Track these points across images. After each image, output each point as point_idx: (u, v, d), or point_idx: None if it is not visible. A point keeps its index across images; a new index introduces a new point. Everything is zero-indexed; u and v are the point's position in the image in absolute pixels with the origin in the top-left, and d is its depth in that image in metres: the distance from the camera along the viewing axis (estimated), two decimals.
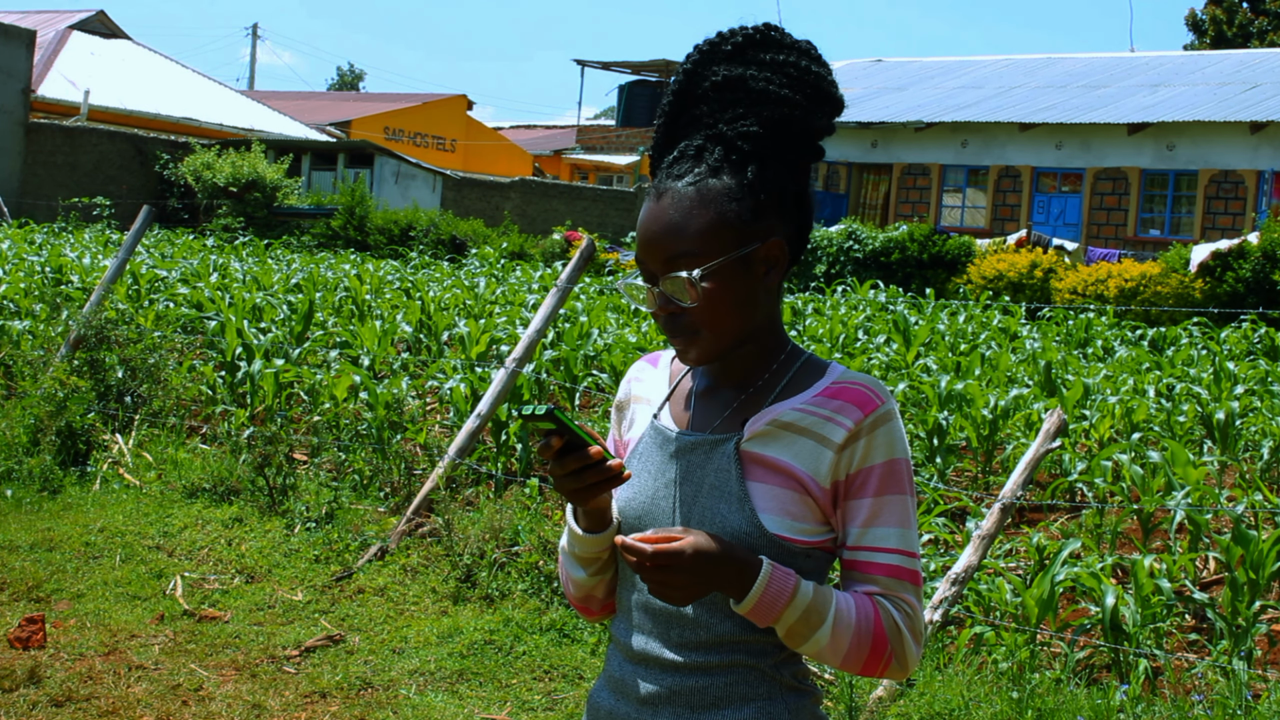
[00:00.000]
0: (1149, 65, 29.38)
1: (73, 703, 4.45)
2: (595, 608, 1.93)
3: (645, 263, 1.76)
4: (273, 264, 15.77)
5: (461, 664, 4.94)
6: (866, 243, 19.50)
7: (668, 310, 1.75)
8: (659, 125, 1.84)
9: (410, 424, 7.50)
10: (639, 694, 1.80)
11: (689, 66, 1.80)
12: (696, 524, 1.75)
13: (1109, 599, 4.82)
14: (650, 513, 1.81)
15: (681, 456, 1.81)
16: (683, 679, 1.78)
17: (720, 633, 1.77)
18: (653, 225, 1.74)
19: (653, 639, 1.80)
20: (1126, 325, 13.82)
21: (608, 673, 1.87)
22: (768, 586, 1.68)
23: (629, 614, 1.84)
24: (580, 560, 1.86)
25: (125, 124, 28.71)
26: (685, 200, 1.72)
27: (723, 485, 1.76)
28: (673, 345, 1.79)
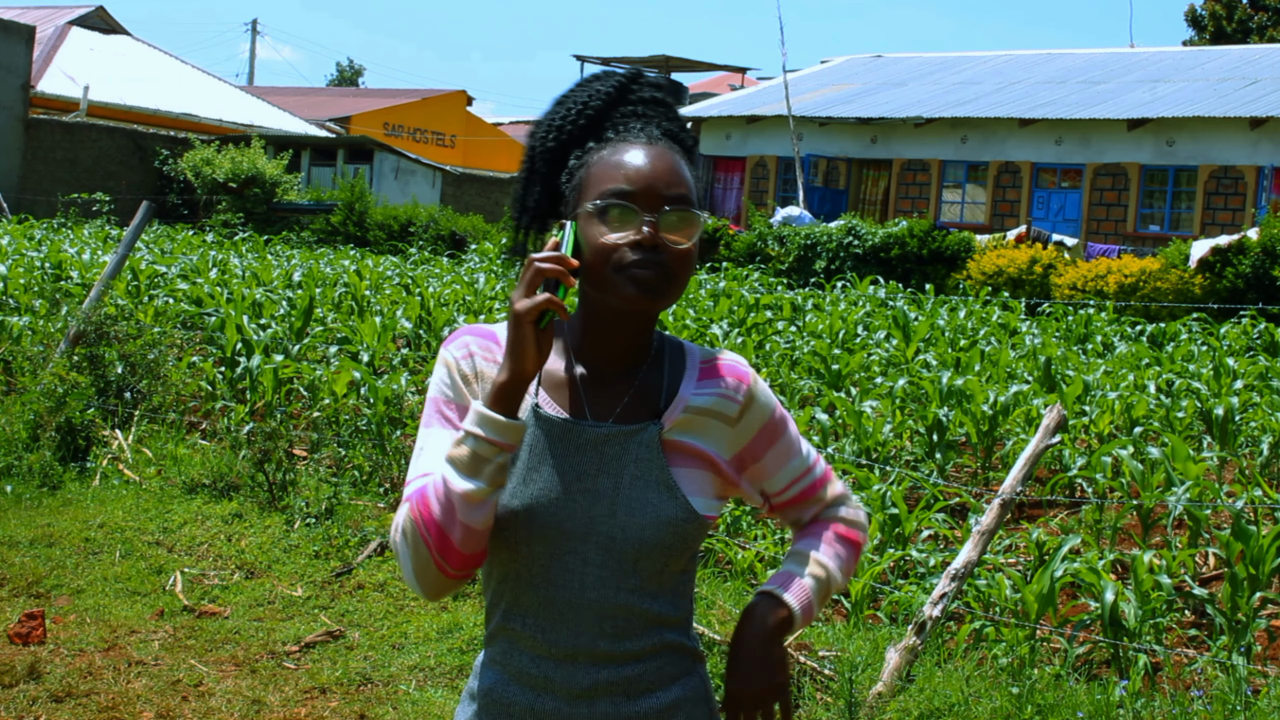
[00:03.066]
0: (1149, 61, 29.36)
1: (72, 698, 4.45)
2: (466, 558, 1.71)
3: (637, 193, 1.75)
4: (272, 260, 15.77)
5: (461, 660, 4.95)
6: (866, 238, 19.49)
7: (654, 240, 1.74)
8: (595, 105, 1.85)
9: (410, 420, 7.50)
10: (571, 689, 1.77)
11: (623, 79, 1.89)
12: (623, 515, 1.76)
13: (1109, 594, 4.82)
14: (566, 508, 1.76)
15: (592, 449, 1.78)
16: (618, 669, 1.78)
17: (651, 617, 1.79)
18: (658, 162, 1.78)
19: (584, 633, 1.77)
20: (1126, 321, 13.82)
21: (511, 667, 1.80)
22: (800, 606, 1.86)
23: (544, 610, 1.78)
24: (495, 472, 1.68)
25: (125, 120, 28.71)
26: (674, 154, 1.81)
27: (646, 475, 1.78)
28: (632, 278, 1.74)
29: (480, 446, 1.67)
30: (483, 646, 1.88)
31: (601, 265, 1.75)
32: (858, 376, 9.31)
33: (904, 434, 7.78)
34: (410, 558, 1.73)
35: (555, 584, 1.77)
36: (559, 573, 1.77)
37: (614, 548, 1.76)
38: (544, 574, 1.77)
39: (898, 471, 6.67)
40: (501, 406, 1.68)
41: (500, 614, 1.83)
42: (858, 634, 5.07)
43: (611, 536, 1.76)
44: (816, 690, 4.62)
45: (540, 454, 1.78)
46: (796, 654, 4.73)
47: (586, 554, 1.76)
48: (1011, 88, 28.35)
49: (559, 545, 1.77)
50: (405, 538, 1.73)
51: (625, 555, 1.76)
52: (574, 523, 1.76)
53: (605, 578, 1.76)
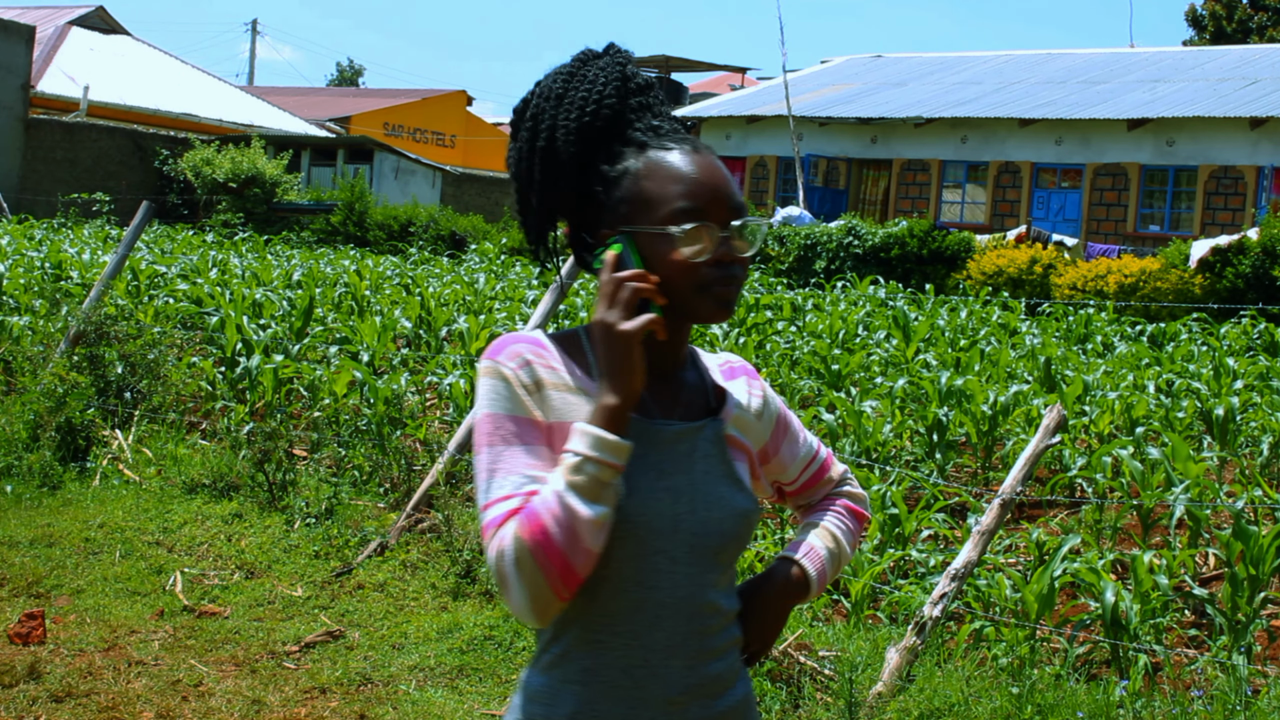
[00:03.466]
0: (1149, 61, 29.36)
1: (72, 698, 4.45)
2: (581, 581, 1.69)
3: (712, 210, 1.75)
4: (272, 260, 15.77)
5: (461, 660, 4.95)
6: (866, 238, 19.49)
7: (731, 257, 1.76)
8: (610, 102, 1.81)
9: (410, 420, 7.50)
10: (667, 694, 1.74)
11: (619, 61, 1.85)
12: (702, 510, 1.77)
13: (1109, 595, 4.82)
14: (652, 507, 1.75)
15: (667, 446, 1.78)
16: (705, 669, 1.78)
17: (725, 612, 1.82)
18: (719, 175, 1.78)
19: (676, 634, 1.75)
20: (1126, 321, 13.82)
21: (598, 683, 1.74)
22: (816, 573, 1.93)
23: (636, 614, 1.74)
24: (612, 495, 1.67)
25: (125, 120, 28.71)
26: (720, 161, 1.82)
27: (714, 469, 1.81)
28: (712, 299, 1.75)
29: (601, 471, 1.65)
30: (540, 671, 1.79)
31: (681, 285, 1.74)
32: (858, 376, 9.31)
33: (904, 434, 7.78)
34: (526, 587, 1.65)
35: (646, 585, 1.74)
36: (649, 573, 1.74)
37: (698, 544, 1.76)
38: (635, 576, 1.74)
39: (898, 471, 6.67)
40: (616, 428, 1.67)
41: (581, 626, 1.75)
42: (858, 634, 5.07)
43: (695, 532, 1.76)
44: (816, 690, 4.62)
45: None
46: (796, 654, 4.73)
47: (674, 552, 1.75)
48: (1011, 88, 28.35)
49: (648, 545, 1.74)
50: (519, 567, 1.64)
51: (708, 550, 1.77)
52: (661, 521, 1.74)
53: (693, 575, 1.76)
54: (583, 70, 1.84)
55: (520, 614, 1.68)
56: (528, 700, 1.79)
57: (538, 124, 1.82)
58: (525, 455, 1.71)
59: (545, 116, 1.82)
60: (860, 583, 5.31)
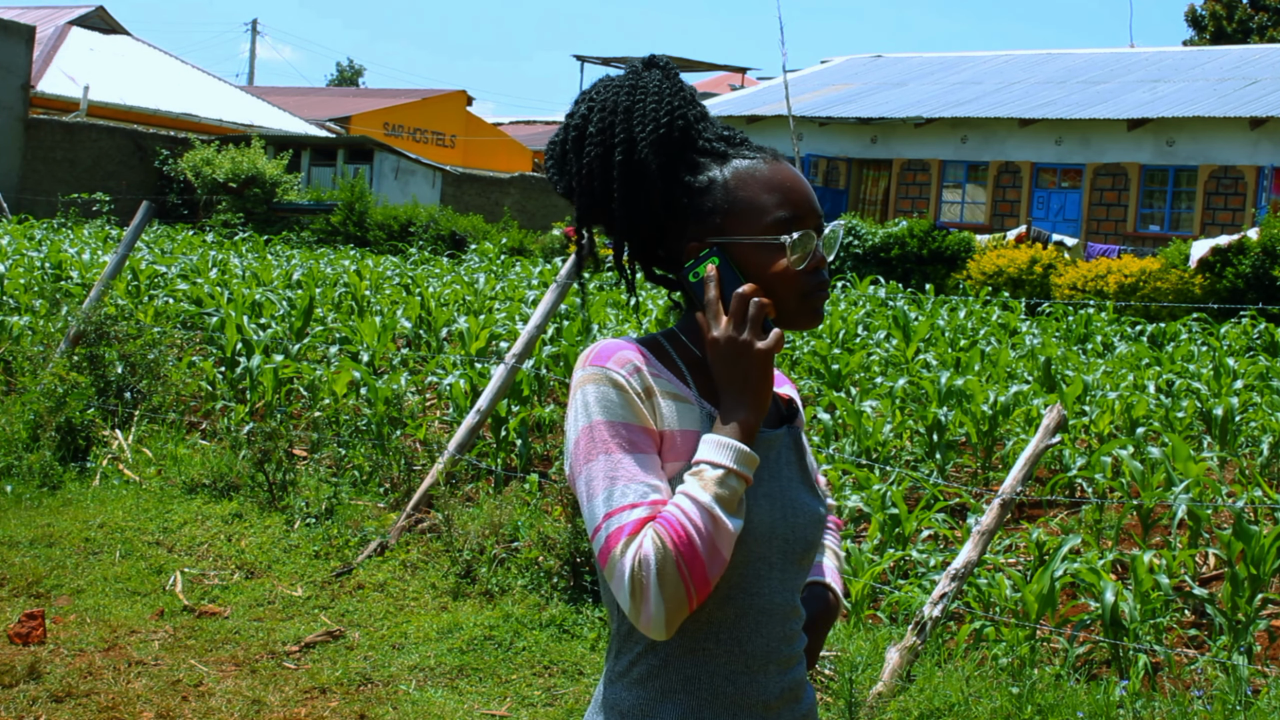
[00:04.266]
0: (1149, 61, 29.36)
1: (72, 698, 4.45)
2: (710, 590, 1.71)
3: (807, 218, 1.78)
4: (272, 260, 15.77)
5: (461, 660, 4.95)
6: (866, 238, 19.49)
7: (824, 264, 1.79)
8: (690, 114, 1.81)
9: (410, 420, 7.50)
10: (765, 699, 1.77)
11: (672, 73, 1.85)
12: (792, 515, 1.79)
13: (1109, 595, 4.82)
14: (754, 514, 1.74)
15: (760, 453, 1.78)
16: (791, 673, 1.81)
17: (802, 616, 1.86)
18: (805, 183, 1.81)
19: (772, 639, 1.78)
20: (1126, 321, 13.81)
21: (701, 692, 1.73)
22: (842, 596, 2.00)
23: (740, 621, 1.75)
24: (743, 508, 1.70)
25: (124, 120, 28.70)
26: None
27: (794, 477, 1.82)
28: (810, 308, 1.79)
29: (741, 485, 1.67)
30: (630, 685, 1.76)
31: (785, 294, 1.76)
32: (858, 376, 9.31)
33: (904, 434, 7.78)
34: (667, 597, 1.62)
35: (749, 592, 1.75)
36: (751, 580, 1.75)
37: (789, 549, 1.78)
38: (740, 583, 1.74)
39: (898, 471, 6.67)
40: (752, 442, 1.71)
41: (681, 637, 1.73)
42: (858, 634, 5.07)
43: (786, 538, 1.78)
44: (817, 690, 4.62)
45: None
46: None
47: (770, 558, 1.76)
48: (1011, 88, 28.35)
49: (751, 551, 1.75)
50: (661, 577, 1.62)
51: (795, 555, 1.79)
52: (762, 528, 1.75)
53: (785, 580, 1.78)
54: (641, 82, 1.81)
55: (651, 625, 1.63)
56: (621, 717, 1.75)
57: (608, 138, 1.78)
58: (645, 463, 1.69)
59: (617, 130, 1.78)
60: (860, 583, 5.31)
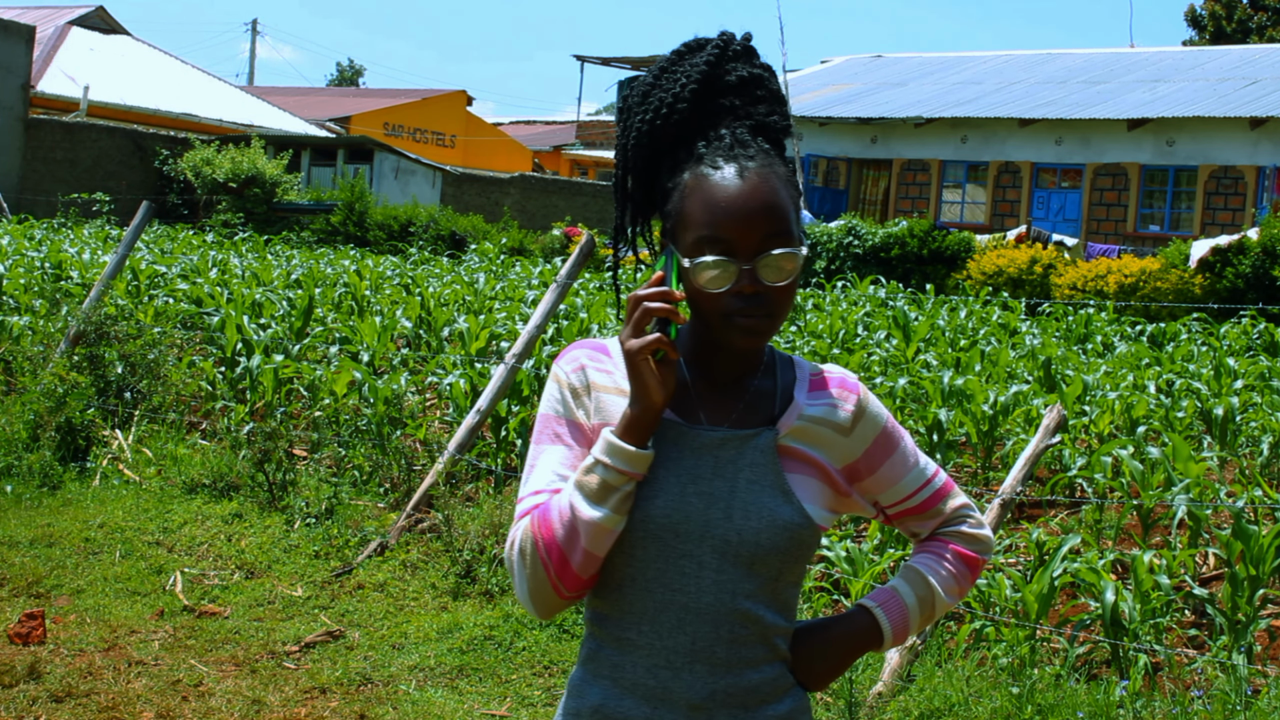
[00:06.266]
0: (1149, 61, 29.36)
1: (72, 698, 4.45)
2: (583, 582, 1.75)
3: (731, 240, 1.71)
4: (272, 260, 15.77)
5: (461, 660, 4.95)
6: (866, 238, 19.49)
7: (754, 289, 1.71)
8: (679, 108, 1.78)
9: (410, 420, 7.50)
10: (690, 699, 1.75)
11: (711, 58, 1.79)
12: (739, 518, 1.75)
13: (1109, 594, 4.82)
14: (681, 510, 1.75)
15: (707, 452, 1.77)
16: (735, 678, 1.76)
17: (765, 625, 1.78)
18: (750, 201, 1.72)
19: (700, 639, 1.75)
20: (1126, 321, 13.81)
21: (625, 680, 1.77)
22: (892, 625, 1.87)
23: (660, 615, 1.76)
24: (622, 501, 1.71)
25: (125, 120, 28.69)
26: (771, 181, 1.74)
27: (761, 479, 1.77)
28: (740, 325, 1.73)
29: (610, 475, 1.70)
30: (578, 665, 1.84)
31: (706, 311, 1.74)
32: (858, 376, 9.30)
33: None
34: (527, 578, 1.74)
35: (671, 588, 1.75)
36: (674, 576, 1.75)
37: (729, 551, 1.75)
38: (659, 577, 1.75)
39: None
40: (631, 437, 1.71)
41: (611, 623, 1.79)
42: None
43: (727, 540, 1.75)
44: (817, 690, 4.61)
45: (657, 457, 1.77)
46: None
47: (701, 557, 1.75)
48: (1011, 88, 28.35)
49: (674, 547, 1.75)
50: (523, 558, 1.74)
51: (740, 559, 1.75)
52: (689, 525, 1.74)
53: (721, 582, 1.75)
54: (676, 65, 1.81)
55: (523, 603, 1.76)
56: (566, 693, 1.85)
57: (627, 119, 1.83)
58: (563, 455, 1.77)
59: (633, 113, 1.82)
60: (860, 583, 5.31)
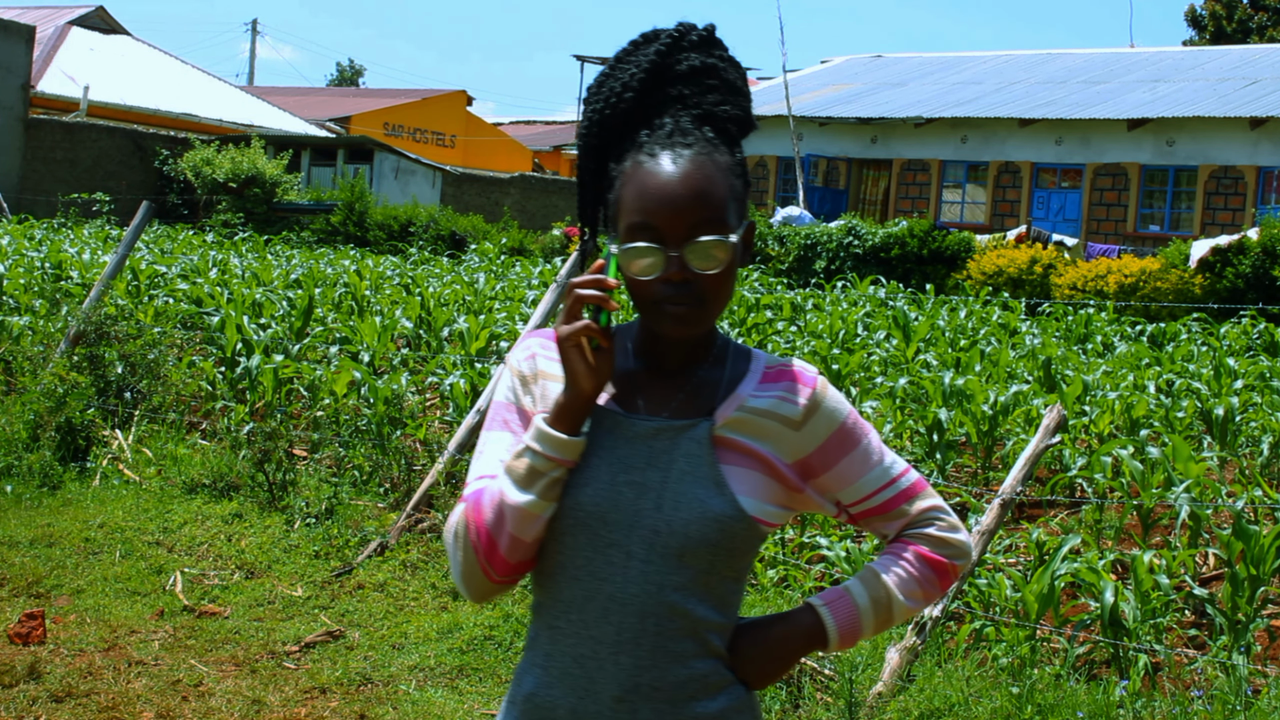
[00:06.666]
0: (1149, 61, 29.37)
1: (72, 698, 4.45)
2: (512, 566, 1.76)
3: (659, 227, 1.71)
4: (272, 260, 15.77)
5: (461, 660, 4.95)
6: (866, 238, 19.49)
7: (682, 276, 1.71)
8: (626, 96, 1.79)
9: (410, 420, 7.50)
10: (613, 691, 1.73)
11: (662, 48, 1.80)
12: (669, 509, 1.73)
13: (1109, 595, 4.82)
14: (611, 498, 1.74)
15: (641, 442, 1.77)
16: (662, 671, 1.74)
17: (697, 620, 1.75)
18: (676, 188, 1.71)
19: (626, 630, 1.73)
20: (1126, 321, 13.81)
21: (554, 667, 1.77)
22: (838, 625, 1.81)
23: (587, 604, 1.75)
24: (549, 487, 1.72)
25: (125, 120, 28.69)
26: (705, 169, 1.74)
27: (695, 470, 1.75)
28: (669, 313, 1.73)
29: (537, 461, 1.71)
30: (524, 650, 1.85)
31: (638, 297, 1.75)
32: (858, 376, 9.31)
33: (904, 434, 7.78)
34: (460, 560, 1.77)
35: (598, 577, 1.74)
36: (601, 565, 1.74)
37: (658, 542, 1.73)
38: (587, 566, 1.75)
39: None
40: (561, 424, 1.72)
41: (545, 610, 1.80)
42: None
43: (656, 530, 1.73)
44: (816, 690, 4.62)
45: (590, 445, 1.77)
46: None
47: (630, 548, 1.73)
48: (1011, 88, 28.35)
49: (602, 536, 1.74)
50: (456, 540, 1.77)
51: (670, 550, 1.73)
52: (618, 514, 1.74)
53: (648, 573, 1.73)
54: (630, 55, 1.82)
55: (458, 586, 1.79)
56: (516, 673, 1.86)
57: (586, 108, 1.84)
58: (509, 441, 1.80)
59: (590, 102, 1.84)
60: None
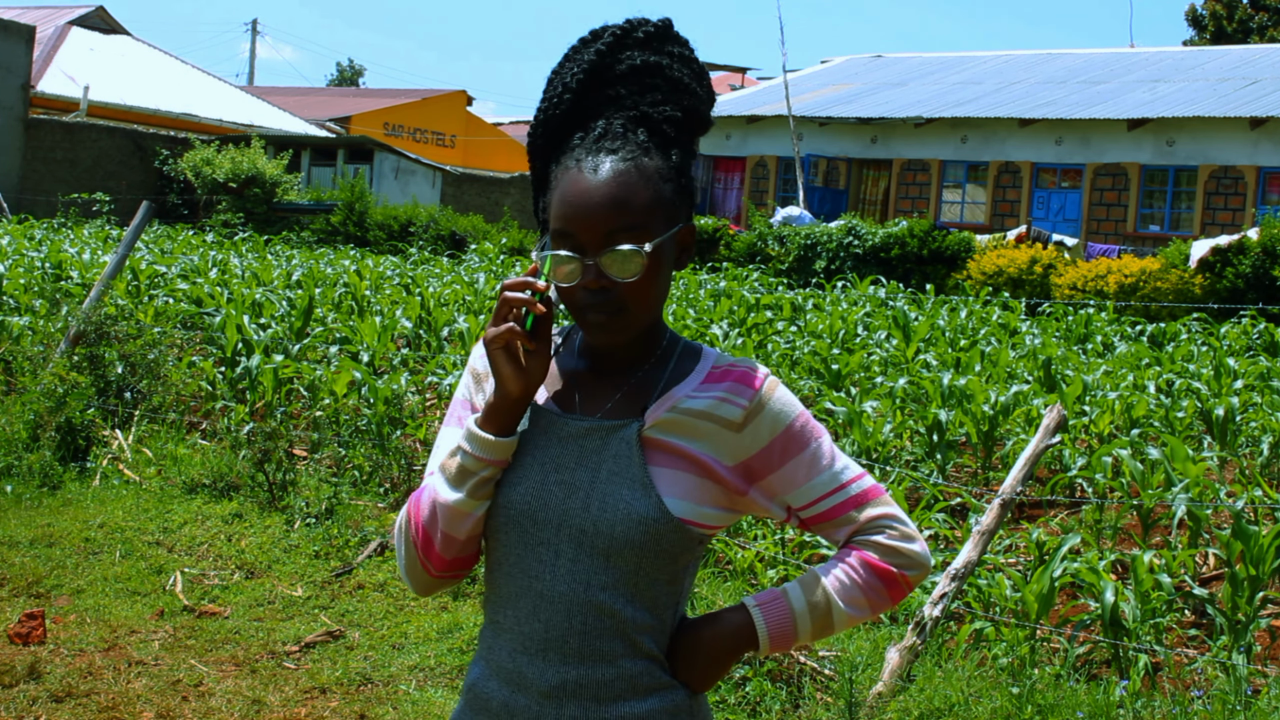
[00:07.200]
0: (1149, 61, 29.36)
1: (72, 698, 4.45)
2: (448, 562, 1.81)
3: (576, 235, 1.70)
4: (272, 260, 15.77)
5: (461, 660, 4.95)
6: (866, 238, 19.48)
7: (599, 284, 1.71)
8: (564, 98, 1.78)
9: (410, 420, 7.50)
10: (541, 686, 1.74)
11: (602, 47, 1.78)
12: (596, 510, 1.73)
13: (1109, 595, 4.82)
14: (540, 497, 1.76)
15: (573, 441, 1.77)
16: (587, 670, 1.74)
17: (624, 620, 1.75)
18: (593, 196, 1.70)
19: (554, 627, 1.74)
20: (1126, 321, 13.82)
21: (494, 662, 1.80)
22: (769, 627, 1.78)
23: (519, 601, 1.77)
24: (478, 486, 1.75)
25: (125, 120, 28.69)
26: (625, 175, 1.71)
27: (623, 471, 1.75)
28: (589, 321, 1.73)
29: (467, 461, 1.75)
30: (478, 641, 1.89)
31: (565, 303, 1.76)
32: (858, 376, 9.31)
33: (904, 434, 7.78)
34: (402, 554, 1.84)
35: (529, 574, 1.77)
36: (532, 563, 1.77)
37: (585, 541, 1.74)
38: (519, 564, 1.78)
39: (898, 471, 6.67)
40: (490, 425, 1.74)
41: (489, 604, 1.84)
42: (858, 634, 5.07)
43: (583, 530, 1.74)
44: (816, 690, 4.62)
45: (524, 444, 1.79)
46: (796, 654, 4.73)
47: (559, 546, 1.75)
48: (1011, 88, 28.35)
49: (532, 535, 1.76)
50: (401, 535, 1.83)
51: (596, 550, 1.73)
52: (547, 513, 1.76)
53: (576, 572, 1.74)
54: (575, 55, 1.81)
55: (402, 578, 1.87)
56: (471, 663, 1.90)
57: (537, 108, 1.84)
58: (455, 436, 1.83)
59: (539, 103, 1.83)
60: None
